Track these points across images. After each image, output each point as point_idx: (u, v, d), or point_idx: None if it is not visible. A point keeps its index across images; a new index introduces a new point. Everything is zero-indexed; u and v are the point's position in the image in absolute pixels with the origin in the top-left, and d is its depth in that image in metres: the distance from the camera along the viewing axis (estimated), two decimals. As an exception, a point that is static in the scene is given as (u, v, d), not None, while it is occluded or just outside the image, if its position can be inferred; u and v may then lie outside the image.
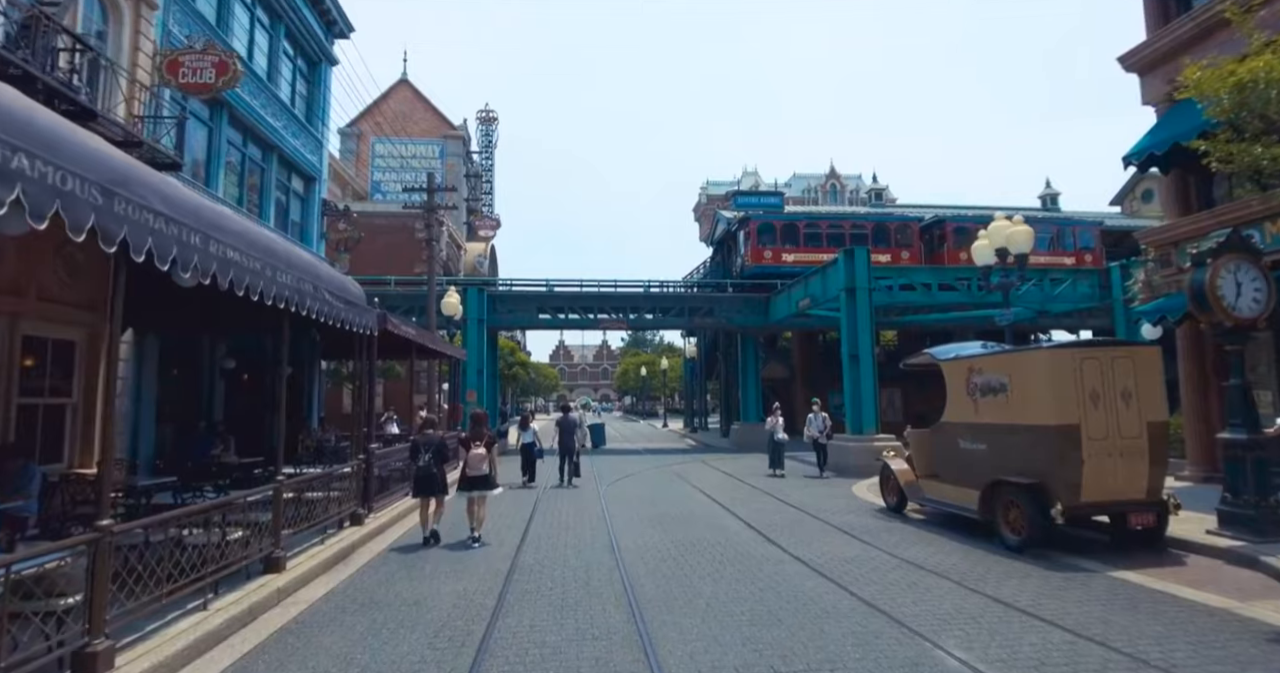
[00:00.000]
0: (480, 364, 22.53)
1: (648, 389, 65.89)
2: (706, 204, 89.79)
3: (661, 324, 25.46)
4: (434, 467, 8.77)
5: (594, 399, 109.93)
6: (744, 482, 14.88)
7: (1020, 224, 11.53)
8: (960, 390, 9.35)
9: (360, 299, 9.15)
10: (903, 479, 10.75)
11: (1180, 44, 12.22)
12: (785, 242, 26.20)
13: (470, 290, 22.86)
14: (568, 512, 11.17)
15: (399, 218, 32.90)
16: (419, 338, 12.38)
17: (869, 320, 17.18)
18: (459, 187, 47.33)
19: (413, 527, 10.02)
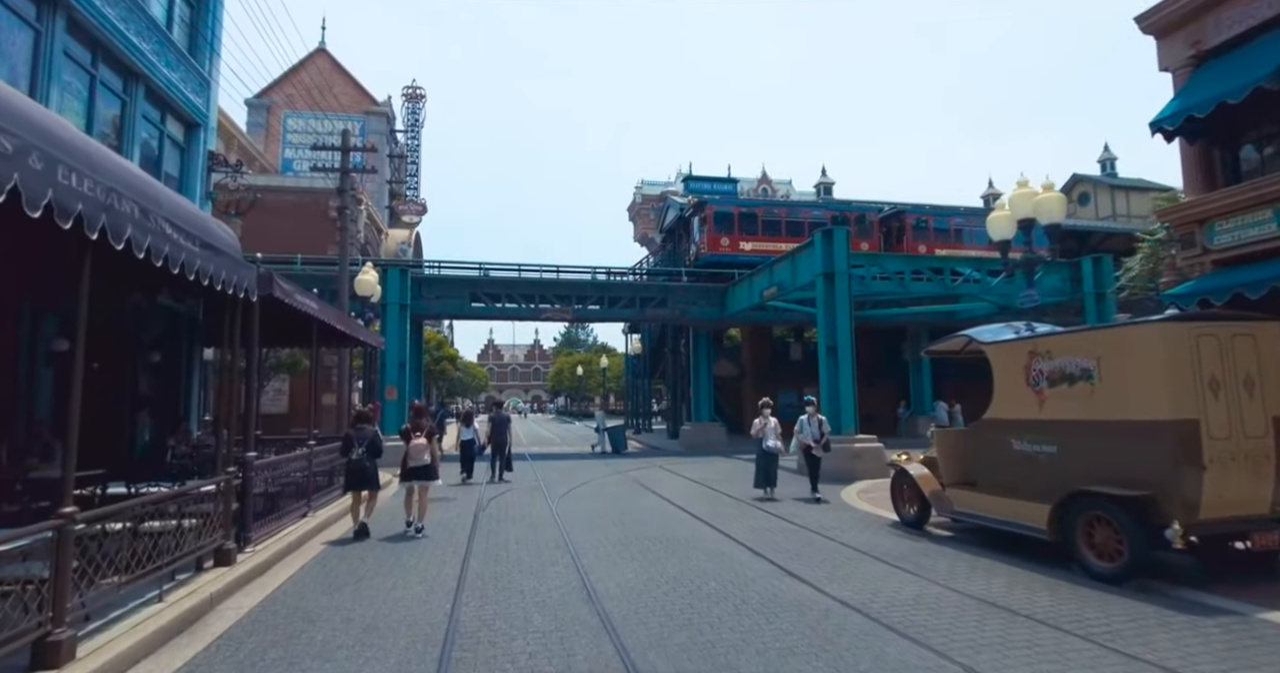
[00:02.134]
0: (402, 357, 19.64)
1: (584, 390, 63.33)
2: (641, 204, 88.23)
3: (610, 316, 23.18)
4: (367, 461, 8.75)
5: (524, 400, 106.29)
6: (718, 491, 12.83)
7: (1051, 191, 9.95)
8: (1015, 380, 7.57)
9: (232, 248, 6.51)
10: (925, 488, 8.93)
11: (1204, 3, 11.07)
12: (743, 229, 24.48)
13: (391, 271, 19.92)
14: (518, 535, 8.75)
15: (312, 195, 29.29)
16: (325, 315, 9.67)
17: (849, 308, 15.52)
18: (381, 168, 43.62)
19: (311, 560, 7.48)
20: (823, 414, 12.76)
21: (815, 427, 11.71)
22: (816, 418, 11.85)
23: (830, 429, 12.08)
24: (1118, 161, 36.92)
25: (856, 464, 14.57)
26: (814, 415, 11.86)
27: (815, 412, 11.98)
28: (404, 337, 19.76)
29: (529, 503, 11.51)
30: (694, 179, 28.60)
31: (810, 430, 11.69)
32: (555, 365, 75.95)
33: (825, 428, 11.85)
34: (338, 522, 9.94)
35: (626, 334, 38.82)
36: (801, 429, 11.72)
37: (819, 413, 12.11)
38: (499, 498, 12.17)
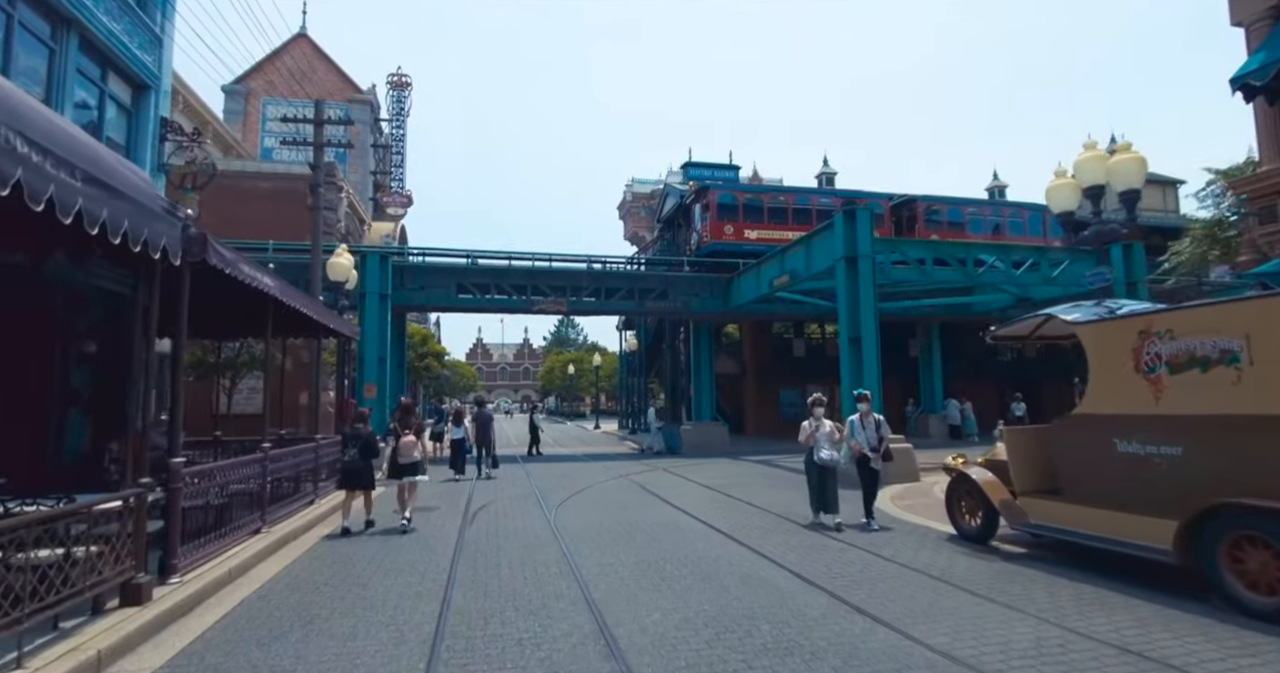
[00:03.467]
0: (382, 351, 18.08)
1: (575, 389, 61.79)
2: (632, 201, 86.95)
3: (606, 308, 21.71)
4: (360, 461, 8.86)
5: (513, 400, 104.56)
6: (735, 498, 11.41)
7: (1128, 150, 8.61)
8: (1119, 367, 6.20)
9: (143, 195, 5.02)
10: (993, 496, 7.57)
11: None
12: (748, 217, 23.11)
13: (370, 258, 18.35)
14: (511, 556, 7.28)
15: (289, 181, 27.62)
16: (284, 295, 8.14)
17: (873, 296, 14.16)
18: (365, 158, 41.92)
19: (255, 591, 6.01)
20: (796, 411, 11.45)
21: (872, 430, 8.99)
22: (873, 419, 9.09)
23: (889, 434, 9.21)
24: (1126, 153, 35.77)
25: (885, 467, 13.17)
26: (868, 415, 9.11)
27: (869, 411, 9.19)
28: (384, 329, 18.21)
29: (523, 514, 10.03)
30: (694, 166, 27.20)
31: (865, 435, 8.96)
32: (545, 364, 74.36)
33: (885, 431, 9.06)
34: (300, 537, 8.44)
35: (621, 330, 37.36)
36: (853, 434, 9.02)
37: (874, 412, 9.36)
38: (489, 507, 10.68)
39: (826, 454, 8.77)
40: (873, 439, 8.97)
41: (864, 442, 8.93)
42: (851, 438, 9.00)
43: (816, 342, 30.82)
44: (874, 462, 8.99)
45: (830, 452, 8.77)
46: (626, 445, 26.03)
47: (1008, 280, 18.03)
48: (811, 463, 8.93)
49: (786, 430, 28.17)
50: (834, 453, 8.78)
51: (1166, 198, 34.66)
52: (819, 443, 8.85)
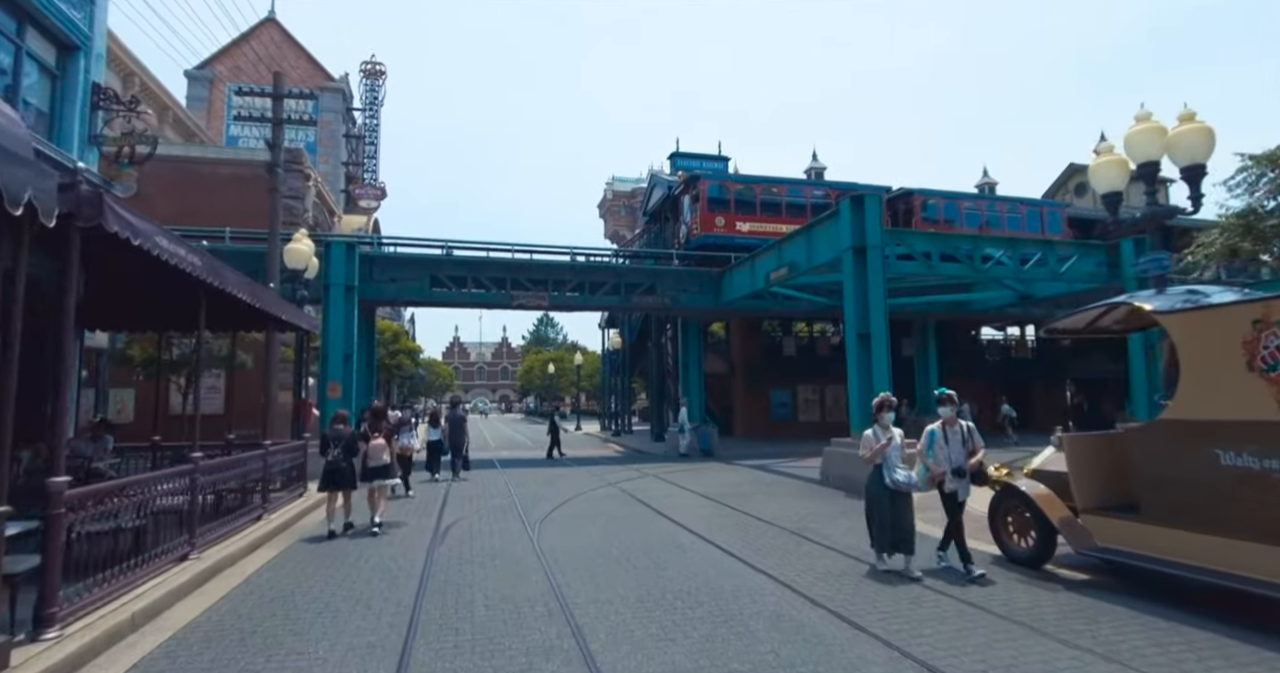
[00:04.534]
0: (349, 348, 16.67)
1: (555, 389, 60.37)
2: (612, 200, 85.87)
3: (591, 303, 20.48)
4: (343, 461, 8.85)
5: (492, 400, 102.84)
6: (739, 511, 10.27)
7: (1192, 121, 7.63)
8: (1224, 363, 5.17)
9: (12, 136, 3.75)
10: (1052, 514, 6.53)
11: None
12: (740, 209, 22.04)
13: (335, 246, 16.93)
14: (488, 590, 6.04)
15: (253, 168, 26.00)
16: (215, 276, 6.81)
17: (883, 289, 13.14)
18: (336, 148, 40.27)
19: (161, 645, 4.72)
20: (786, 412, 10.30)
21: (958, 443, 6.48)
22: (960, 428, 6.56)
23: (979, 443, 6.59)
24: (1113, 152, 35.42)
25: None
26: (952, 424, 6.58)
27: (954, 417, 6.63)
28: (351, 324, 16.81)
29: (502, 531, 8.79)
30: (682, 156, 26.07)
31: (949, 452, 6.48)
32: (525, 364, 72.79)
33: (976, 441, 6.56)
34: (240, 561, 7.14)
35: (604, 328, 36.15)
36: (930, 449, 6.58)
37: (963, 419, 6.73)
38: (462, 522, 9.43)
39: (903, 476, 6.46)
40: (957, 457, 6.46)
41: (946, 460, 6.50)
42: (928, 455, 6.61)
43: (806, 340, 29.91)
44: (959, 488, 6.51)
45: (907, 473, 6.51)
46: (611, 448, 24.86)
47: (1015, 276, 17.15)
48: (879, 488, 6.50)
49: (777, 432, 27.33)
50: (911, 475, 6.54)
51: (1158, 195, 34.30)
52: (890, 461, 6.48)
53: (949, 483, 6.53)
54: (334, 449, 8.86)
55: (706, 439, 20.66)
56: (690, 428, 20.46)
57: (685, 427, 20.54)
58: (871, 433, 6.67)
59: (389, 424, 9.96)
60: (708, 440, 20.63)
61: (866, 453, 6.63)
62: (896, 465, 6.51)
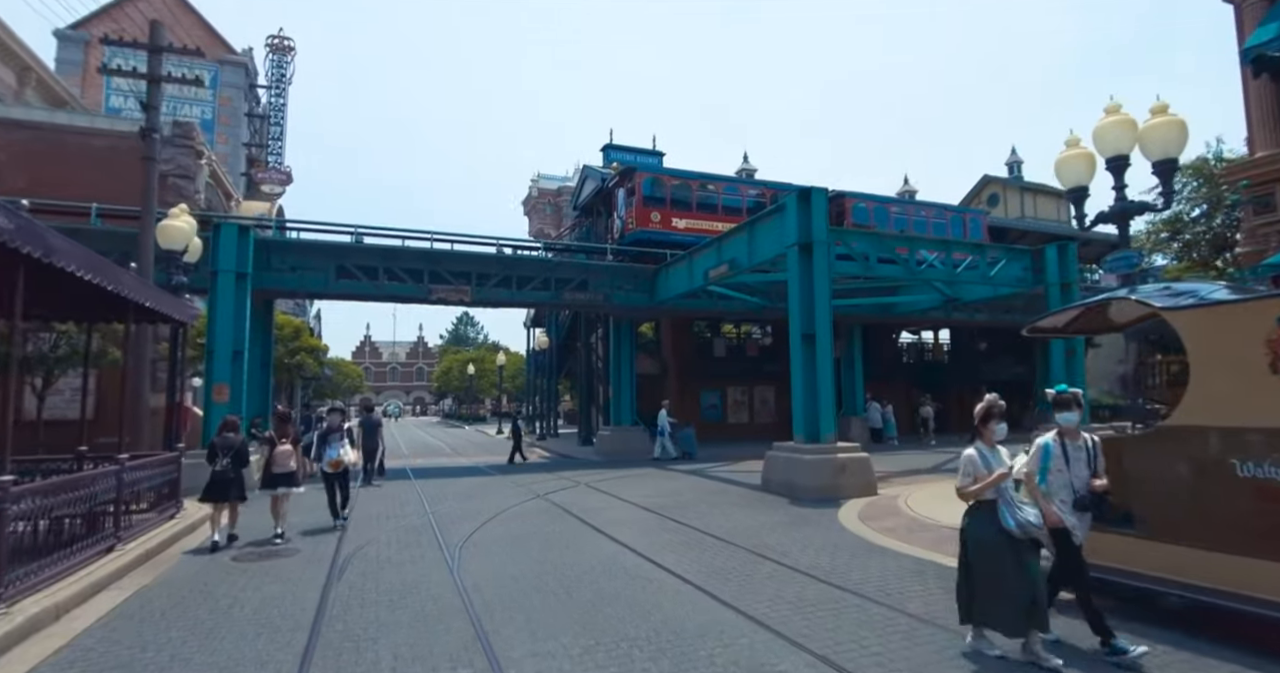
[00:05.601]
0: (239, 344, 14.71)
1: (475, 391, 58.00)
2: (538, 197, 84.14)
3: (518, 299, 19.12)
4: (231, 471, 8.51)
5: (405, 402, 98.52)
6: (685, 524, 9.37)
7: (1165, 113, 7.33)
8: (1246, 365, 4.67)
9: None
10: (1038, 531, 5.94)
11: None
12: (676, 205, 21.28)
13: (225, 229, 14.89)
14: (398, 642, 4.84)
15: (130, 142, 23.20)
16: (36, 247, 5.24)
17: (829, 287, 12.63)
18: (237, 127, 36.94)
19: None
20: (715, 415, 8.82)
21: (1082, 462, 4.63)
22: (1085, 442, 4.71)
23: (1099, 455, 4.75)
24: (1023, 165, 37.28)
25: (841, 479, 11.66)
26: (1075, 435, 4.72)
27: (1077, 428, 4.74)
28: (242, 318, 14.84)
29: (415, 559, 7.51)
30: (615, 148, 25.08)
31: (1073, 475, 4.61)
32: (442, 364, 69.75)
33: (1100, 464, 4.69)
34: (73, 611, 5.58)
35: (529, 327, 34.67)
36: (1043, 472, 4.67)
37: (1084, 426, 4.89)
38: (368, 548, 8.06)
39: (1034, 516, 4.39)
40: (1081, 483, 4.57)
41: (1066, 488, 4.59)
42: (1040, 482, 4.64)
43: (735, 341, 29.60)
44: (1078, 527, 4.59)
45: (1033, 511, 4.43)
46: (536, 453, 23.54)
47: (947, 278, 17.18)
48: (995, 535, 4.35)
49: (707, 434, 26.62)
50: (1036, 512, 4.45)
51: (1060, 210, 36.28)
52: (1007, 495, 4.42)
53: (1067, 518, 4.55)
54: (223, 458, 8.49)
55: (689, 440, 19.93)
56: (667, 431, 19.74)
57: (665, 429, 19.79)
58: (975, 454, 4.50)
59: (295, 430, 9.53)
60: (691, 441, 19.90)
61: (973, 486, 4.42)
62: (1020, 500, 4.50)
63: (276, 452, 8.92)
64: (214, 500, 8.42)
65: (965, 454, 4.56)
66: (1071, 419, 4.70)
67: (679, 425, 20.38)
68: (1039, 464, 4.70)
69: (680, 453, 19.66)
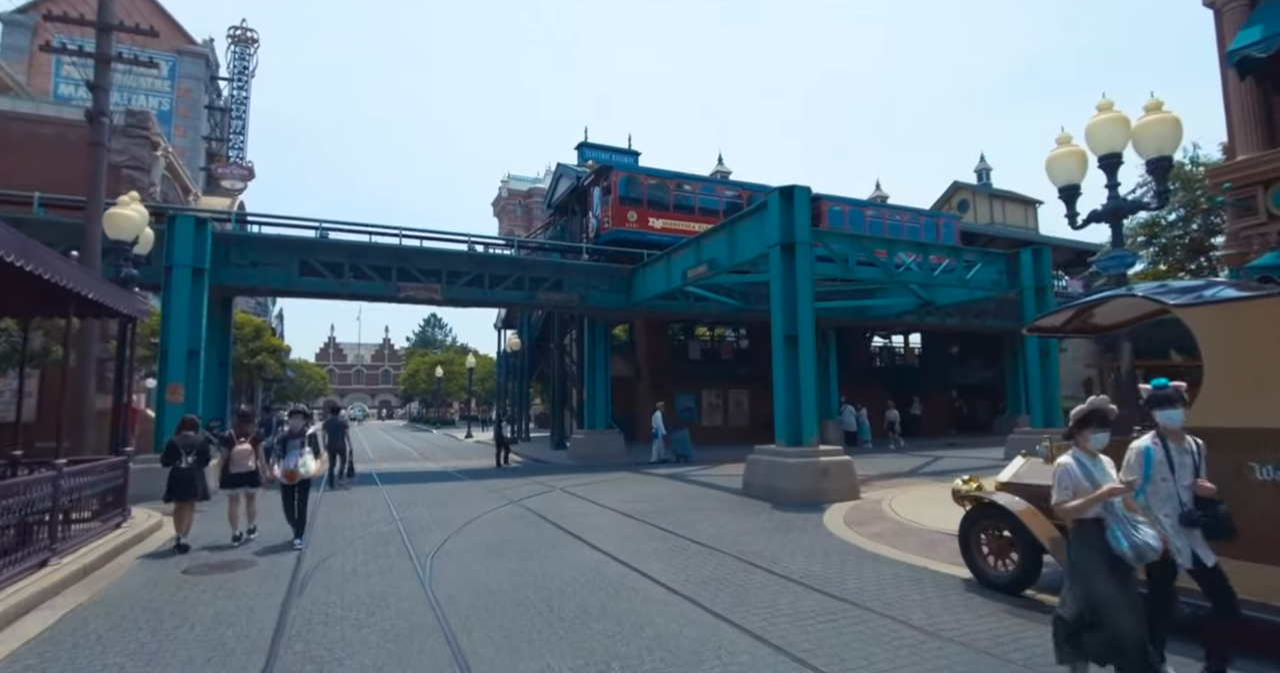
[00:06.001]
0: (195, 343, 13.95)
1: (442, 394, 56.90)
2: (508, 198, 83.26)
3: (489, 298, 18.57)
4: (195, 470, 8.34)
5: (371, 406, 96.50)
6: (666, 530, 9.02)
7: (1159, 111, 7.24)
8: (1269, 363, 4.51)
9: None
10: (1040, 534, 5.76)
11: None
12: (652, 204, 20.97)
13: (182, 220, 14.11)
14: (365, 666, 4.39)
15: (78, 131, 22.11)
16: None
17: (811, 288, 12.42)
18: (196, 120, 35.65)
19: None
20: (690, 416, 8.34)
21: (1188, 468, 4.00)
22: (1190, 445, 4.07)
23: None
24: (992, 172, 37.92)
25: (824, 483, 11.44)
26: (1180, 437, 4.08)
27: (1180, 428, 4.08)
28: (198, 315, 14.07)
29: (384, 570, 7.02)
30: (590, 147, 24.69)
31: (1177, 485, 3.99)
32: (409, 367, 68.34)
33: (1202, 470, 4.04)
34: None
35: (500, 328, 34.03)
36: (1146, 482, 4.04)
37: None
38: (333, 559, 7.53)
39: (1151, 538, 3.65)
40: (1186, 496, 3.95)
41: (1171, 500, 3.98)
42: (1137, 495, 4.00)
43: (710, 344, 29.42)
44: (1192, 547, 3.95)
45: (1150, 532, 3.69)
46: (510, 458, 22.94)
47: (925, 281, 17.19)
48: (1104, 560, 3.66)
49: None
50: (1154, 532, 3.72)
51: (1028, 216, 36.98)
52: (1118, 512, 3.72)
53: (1173, 540, 3.91)
54: (185, 457, 8.35)
55: (684, 442, 19.73)
56: (662, 433, 19.54)
57: (660, 432, 19.58)
58: (1073, 463, 3.81)
59: (255, 429, 9.29)
60: (685, 444, 19.69)
61: (1074, 501, 3.72)
62: (1136, 519, 3.73)
63: (235, 451, 8.74)
64: (180, 499, 8.27)
65: (1060, 464, 3.88)
66: (1175, 418, 4.01)
67: (673, 428, 20.18)
68: (1141, 467, 4.05)
69: (675, 456, 19.40)
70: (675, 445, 19.61)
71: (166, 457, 8.47)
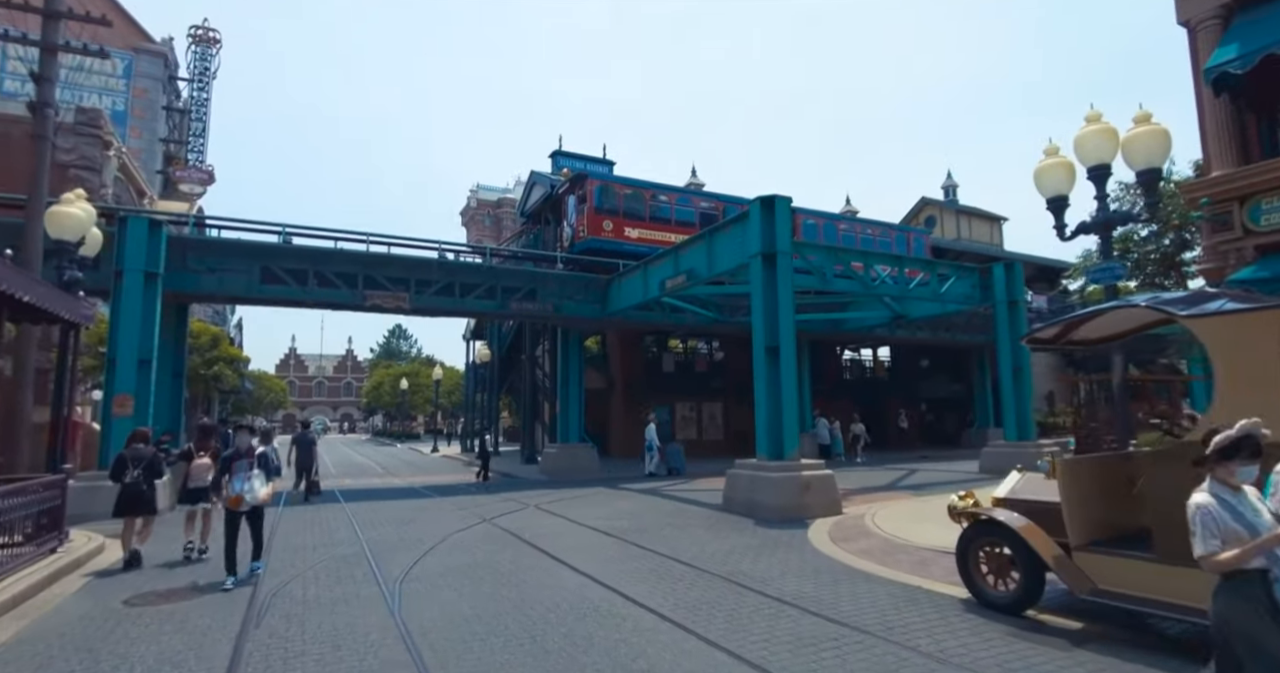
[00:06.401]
0: (147, 352, 13.16)
1: (406, 407, 55.57)
2: (476, 208, 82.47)
3: (461, 308, 18.02)
4: (144, 484, 8.03)
5: (332, 419, 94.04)
6: (647, 549, 8.64)
7: (1148, 122, 7.22)
8: (1279, 374, 4.38)
9: None
10: (1045, 552, 5.56)
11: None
12: (628, 214, 20.71)
13: (134, 222, 13.34)
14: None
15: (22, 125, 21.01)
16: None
17: (792, 298, 12.26)
18: (153, 121, 34.39)
19: None
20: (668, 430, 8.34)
21: None
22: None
23: None
24: (958, 189, 38.69)
25: (806, 498, 11.19)
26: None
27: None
28: (151, 322, 13.30)
29: (348, 598, 6.50)
30: (564, 155, 24.37)
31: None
32: (373, 379, 66.70)
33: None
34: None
35: (469, 340, 33.34)
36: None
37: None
38: (291, 587, 6.97)
39: None
40: None
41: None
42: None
43: (685, 357, 29.19)
44: None
45: None
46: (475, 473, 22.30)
47: (901, 293, 17.24)
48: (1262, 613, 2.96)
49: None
50: None
51: (994, 232, 37.78)
52: None
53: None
54: (133, 471, 8.06)
55: (678, 456, 19.41)
56: (657, 445, 19.24)
57: (653, 444, 19.24)
58: (1215, 503, 3.10)
59: (216, 444, 8.99)
60: (679, 457, 19.37)
61: (1227, 553, 3.00)
62: None
63: (194, 465, 8.60)
64: (127, 515, 8.01)
65: (1198, 506, 3.10)
66: None
67: (672, 443, 19.98)
68: None
69: (669, 469, 19.11)
70: (669, 459, 19.27)
71: (114, 471, 8.24)
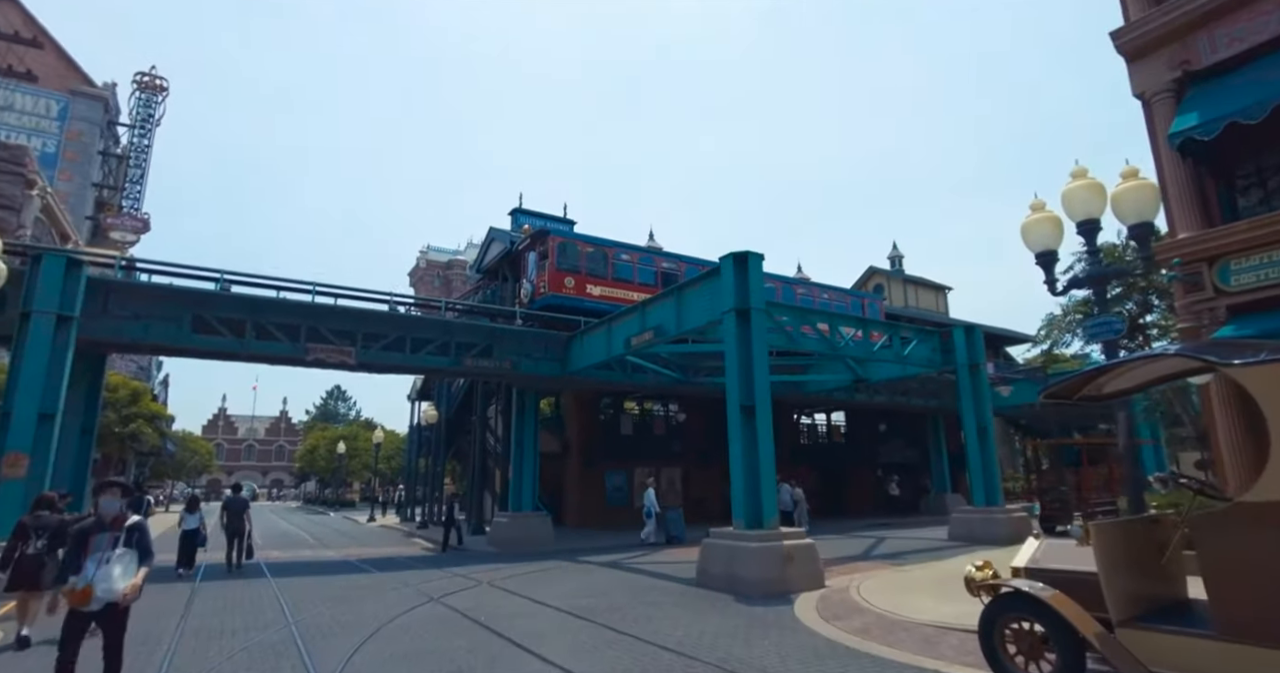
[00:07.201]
0: (51, 405, 11.65)
1: (342, 473, 52.29)
2: (425, 268, 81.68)
3: (411, 363, 16.93)
4: (46, 555, 7.32)
5: (261, 485, 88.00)
6: (626, 634, 7.63)
7: (1136, 177, 7.23)
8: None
9: None
10: (1085, 630, 4.97)
11: (1196, 19, 9.88)
12: (591, 272, 20.30)
13: (49, 260, 12.05)
14: None
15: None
16: None
17: (766, 356, 11.83)
18: (87, 165, 32.85)
19: None
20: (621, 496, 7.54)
21: None
22: None
23: None
24: (904, 259, 40.11)
25: (789, 570, 10.39)
26: None
27: None
28: (59, 372, 11.84)
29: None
30: (524, 213, 24.06)
31: None
32: (308, 442, 62.96)
33: None
34: None
35: (414, 400, 31.76)
36: None
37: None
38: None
39: None
40: None
41: None
42: None
43: (642, 419, 28.36)
44: None
45: None
46: (418, 545, 20.60)
47: (865, 356, 17.14)
48: None
49: (612, 519, 24.58)
50: None
51: (939, 301, 39.05)
52: None
53: None
54: (35, 541, 7.41)
55: (678, 522, 18.43)
56: (655, 511, 18.33)
57: (652, 510, 18.33)
58: None
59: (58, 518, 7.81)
60: (680, 525, 18.34)
61: None
62: None
63: None
64: (23, 589, 7.35)
65: None
66: None
67: (670, 508, 19.06)
68: None
69: (668, 537, 18.08)
70: (668, 527, 18.23)
71: (13, 541, 7.46)
